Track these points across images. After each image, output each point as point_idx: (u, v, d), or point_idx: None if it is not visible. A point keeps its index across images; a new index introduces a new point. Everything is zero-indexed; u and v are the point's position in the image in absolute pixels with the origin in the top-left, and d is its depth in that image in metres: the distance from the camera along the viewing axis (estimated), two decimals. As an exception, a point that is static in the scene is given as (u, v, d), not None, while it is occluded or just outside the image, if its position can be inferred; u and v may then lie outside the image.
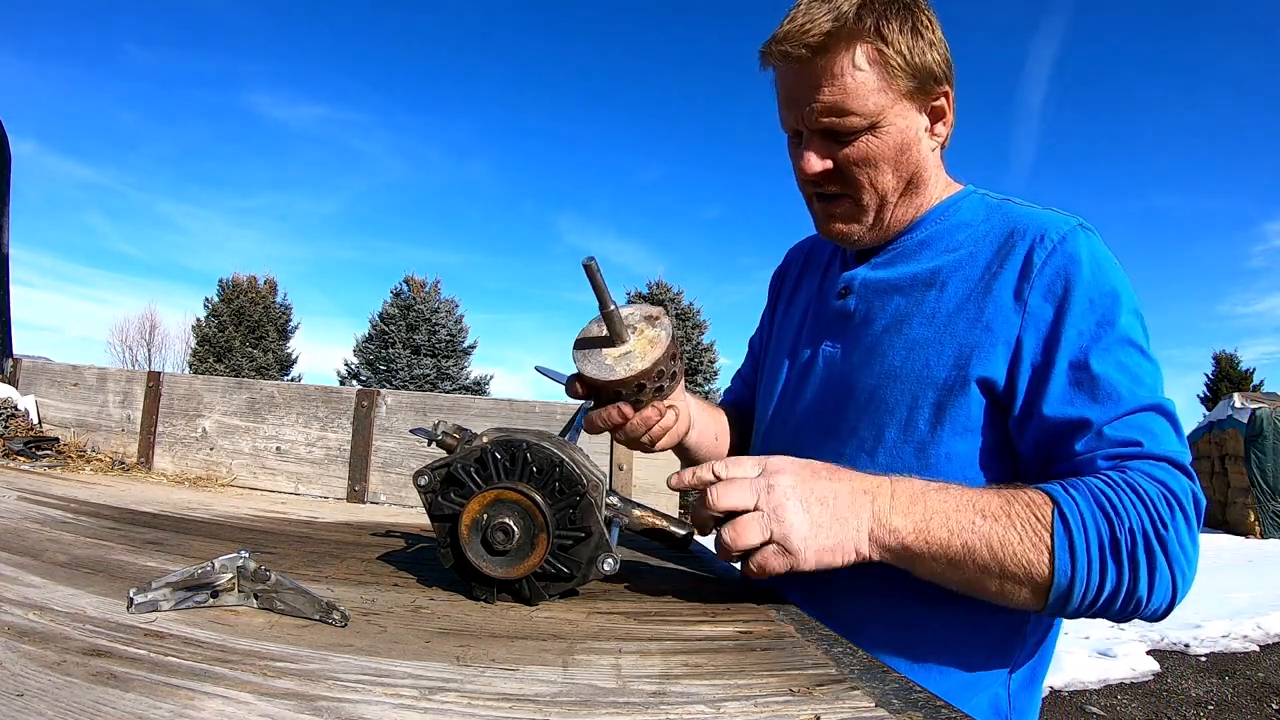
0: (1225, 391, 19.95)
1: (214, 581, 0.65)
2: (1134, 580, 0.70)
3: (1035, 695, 0.91)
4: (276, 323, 23.83)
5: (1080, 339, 0.80)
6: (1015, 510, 0.73)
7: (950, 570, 0.74)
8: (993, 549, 0.72)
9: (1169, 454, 0.75)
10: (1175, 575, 0.71)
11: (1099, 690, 4.05)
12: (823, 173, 0.90)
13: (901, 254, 0.96)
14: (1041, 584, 0.72)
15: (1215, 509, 13.73)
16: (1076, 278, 0.81)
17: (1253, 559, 9.14)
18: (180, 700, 0.44)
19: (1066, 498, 0.72)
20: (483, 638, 0.63)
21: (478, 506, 0.74)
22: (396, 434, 2.05)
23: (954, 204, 0.96)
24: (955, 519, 0.73)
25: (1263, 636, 5.12)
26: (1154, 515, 0.71)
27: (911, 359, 0.88)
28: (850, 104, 0.85)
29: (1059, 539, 0.71)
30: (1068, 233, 0.84)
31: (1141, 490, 0.72)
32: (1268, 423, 11.75)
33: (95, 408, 2.27)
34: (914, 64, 0.86)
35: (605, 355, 0.85)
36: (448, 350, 22.63)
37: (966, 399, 0.84)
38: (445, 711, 0.46)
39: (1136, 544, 0.70)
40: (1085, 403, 0.78)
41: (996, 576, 0.72)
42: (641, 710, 0.48)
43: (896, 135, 0.88)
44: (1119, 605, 0.72)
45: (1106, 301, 0.81)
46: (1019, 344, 0.82)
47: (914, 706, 0.50)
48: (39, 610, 0.61)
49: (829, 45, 0.84)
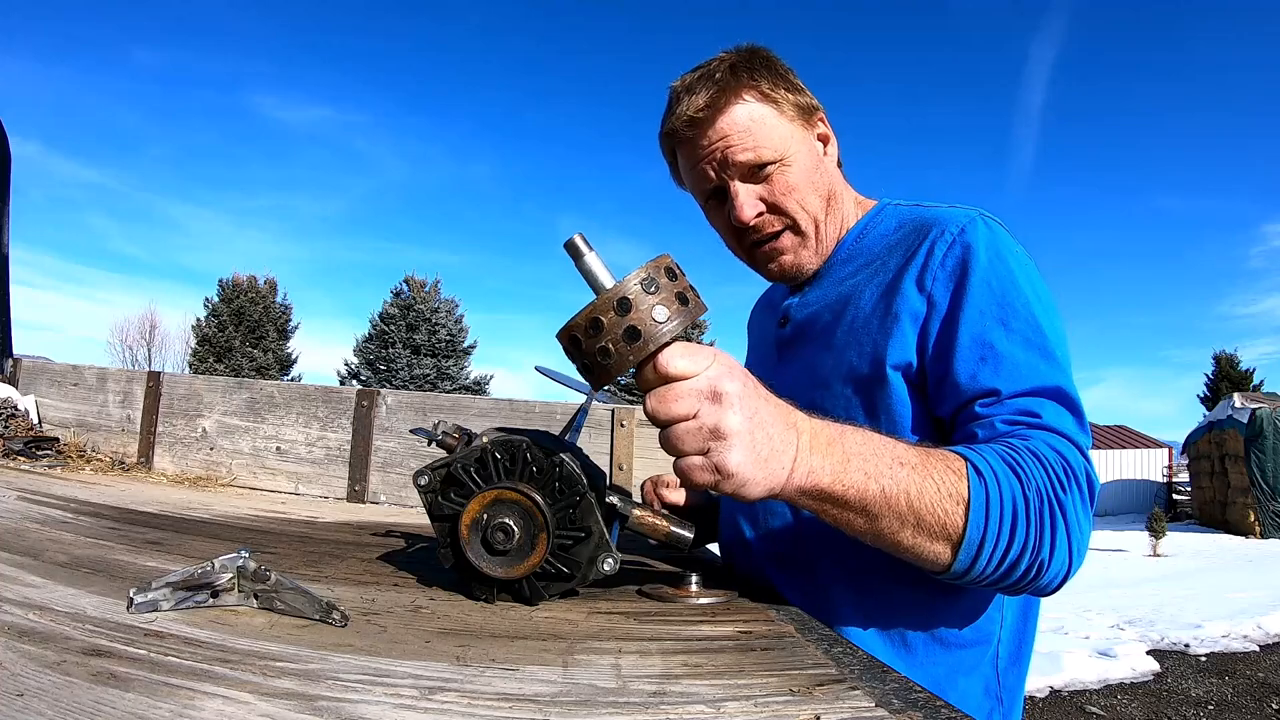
0: (1225, 391, 19.95)
1: (214, 581, 0.65)
2: (1039, 541, 0.71)
3: (1022, 674, 0.94)
4: (276, 323, 23.83)
5: (981, 319, 0.83)
6: (932, 462, 0.72)
7: (863, 520, 0.72)
8: (909, 498, 0.70)
9: (1065, 430, 0.78)
10: (1071, 545, 0.73)
11: (1099, 690, 4.05)
12: (757, 216, 0.96)
13: (827, 277, 1.02)
14: (955, 538, 0.71)
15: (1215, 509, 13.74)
16: (974, 264, 0.85)
17: (1253, 559, 9.14)
18: (180, 700, 0.44)
19: (977, 456, 0.73)
20: (483, 638, 0.63)
21: (478, 506, 0.74)
22: (396, 434, 2.05)
23: (869, 221, 1.03)
24: (874, 463, 0.71)
25: (1263, 636, 5.11)
26: (1054, 480, 0.73)
27: (838, 365, 0.93)
28: (759, 139, 0.94)
29: (974, 492, 0.71)
30: (966, 224, 0.88)
31: (1042, 456, 0.74)
32: (1268, 423, 11.75)
33: (95, 408, 2.27)
34: (793, 99, 0.97)
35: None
36: (448, 350, 22.63)
37: (889, 389, 0.87)
38: (445, 711, 0.46)
39: (1043, 504, 0.72)
40: (990, 376, 0.81)
41: (911, 528, 0.71)
42: (641, 710, 0.48)
43: (804, 159, 0.97)
44: (1022, 570, 0.72)
45: (1004, 284, 0.84)
46: (924, 329, 0.86)
47: (914, 706, 0.50)
48: (39, 610, 0.61)
49: (721, 101, 0.94)
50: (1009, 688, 0.91)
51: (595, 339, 0.64)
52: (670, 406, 0.64)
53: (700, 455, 0.64)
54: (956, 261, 0.86)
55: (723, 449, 0.63)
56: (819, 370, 0.95)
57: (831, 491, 0.69)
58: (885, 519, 0.71)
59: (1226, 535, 12.08)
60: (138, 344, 27.42)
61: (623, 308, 0.63)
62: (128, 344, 27.41)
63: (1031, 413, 0.78)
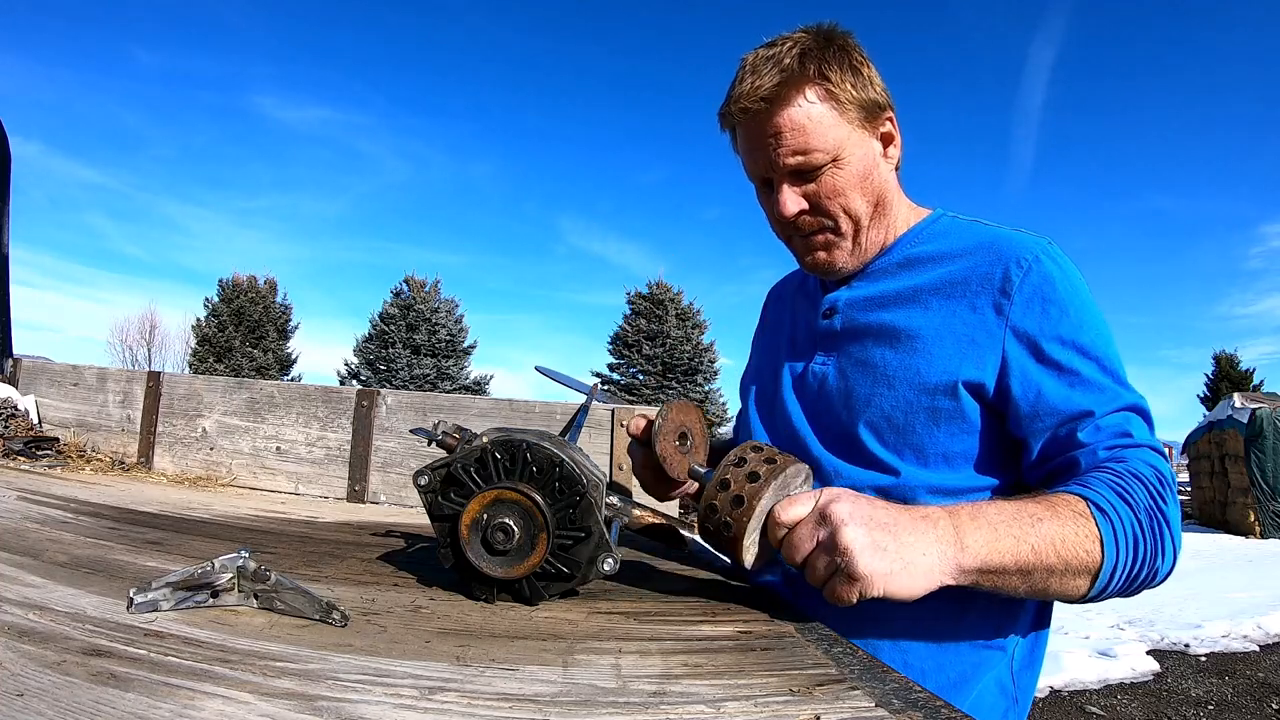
0: (1225, 391, 19.95)
1: (214, 581, 0.65)
2: (1153, 554, 0.78)
3: (1034, 675, 0.95)
4: (276, 323, 23.82)
5: (1066, 345, 0.88)
6: (1059, 509, 0.77)
7: (1020, 579, 0.76)
8: (1056, 547, 0.75)
9: (1153, 443, 0.85)
10: (1175, 546, 0.80)
11: (1099, 690, 4.04)
12: (799, 213, 0.96)
13: (881, 275, 1.01)
14: (1094, 572, 0.76)
15: (1215, 509, 13.73)
16: (1052, 292, 0.89)
17: (1253, 559, 9.13)
18: (180, 700, 0.44)
19: (1090, 491, 0.78)
20: (483, 638, 0.63)
21: (478, 506, 0.73)
22: (396, 434, 2.05)
23: (926, 227, 1.02)
24: (1016, 527, 0.75)
25: (1263, 636, 5.11)
26: (1155, 495, 0.79)
27: (903, 368, 0.93)
28: (812, 142, 0.92)
29: (1104, 526, 0.76)
30: (1039, 252, 0.91)
31: (1142, 476, 0.80)
32: (1268, 423, 11.74)
33: (95, 408, 2.27)
34: (859, 97, 0.94)
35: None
36: (448, 350, 22.63)
37: (957, 402, 0.89)
38: (445, 711, 0.46)
39: (1152, 520, 0.78)
40: (1082, 397, 0.86)
41: (1059, 574, 0.76)
42: (641, 710, 0.48)
43: (858, 163, 0.95)
44: (1141, 579, 0.79)
45: (1081, 312, 0.89)
46: (1005, 354, 0.89)
47: (914, 706, 0.50)
48: (39, 610, 0.61)
49: (782, 94, 0.91)
50: (1023, 688, 0.92)
51: (712, 517, 0.77)
52: (796, 548, 0.72)
53: (834, 575, 0.70)
54: (1034, 290, 0.89)
55: (848, 561, 0.69)
56: (882, 368, 0.95)
57: (991, 564, 0.74)
58: (1039, 573, 0.76)
59: (1226, 535, 12.07)
60: (138, 344, 27.47)
61: (723, 486, 0.76)
62: (128, 344, 27.46)
63: (1125, 431, 0.84)
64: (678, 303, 22.39)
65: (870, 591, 0.69)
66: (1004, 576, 0.75)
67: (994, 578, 0.75)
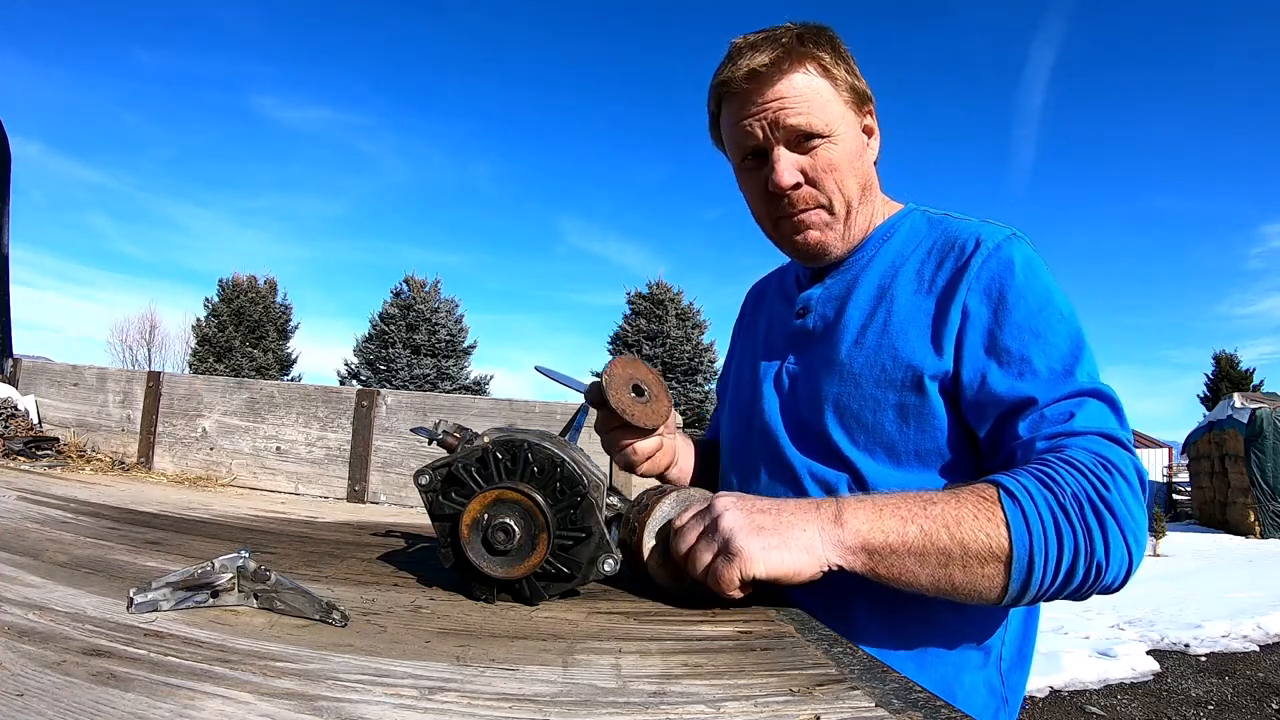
0: (1225, 391, 19.94)
1: (214, 581, 0.65)
2: (1090, 544, 0.73)
3: (1024, 675, 0.95)
4: (276, 323, 23.83)
5: (1018, 333, 0.86)
6: (961, 494, 0.76)
7: (915, 562, 0.74)
8: (949, 528, 0.73)
9: (1105, 430, 0.79)
10: (1127, 539, 0.74)
11: (1099, 690, 4.04)
12: (794, 186, 0.94)
13: (852, 273, 1.01)
14: (1003, 557, 0.73)
15: (1215, 509, 13.74)
16: (1010, 280, 0.88)
17: (1253, 559, 9.14)
18: (180, 700, 0.44)
19: (1006, 478, 0.76)
20: (483, 638, 0.63)
21: (478, 506, 0.73)
22: (396, 434, 2.05)
23: (896, 222, 1.03)
24: (905, 509, 0.75)
25: (1263, 636, 5.11)
26: (1092, 481, 0.74)
27: (870, 366, 0.93)
28: (813, 110, 0.93)
29: (1009, 508, 0.73)
30: (1001, 241, 0.91)
31: (1077, 461, 0.75)
32: (1268, 423, 11.75)
33: (95, 408, 2.27)
34: (851, 81, 0.97)
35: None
36: (448, 350, 22.63)
37: (925, 398, 0.89)
38: (445, 711, 0.46)
39: (1083, 507, 0.73)
40: (1029, 385, 0.83)
41: (959, 559, 0.73)
42: (641, 710, 0.48)
43: (850, 143, 0.96)
44: (1081, 574, 0.73)
45: (1039, 300, 0.87)
46: (960, 341, 0.88)
47: (914, 706, 0.50)
48: (39, 610, 0.61)
49: (784, 65, 0.93)
50: (1013, 688, 0.92)
51: (624, 530, 0.85)
52: (683, 537, 0.77)
53: (715, 555, 0.73)
54: (992, 278, 0.88)
55: (727, 540, 0.72)
56: (849, 367, 0.95)
57: (874, 543, 0.73)
58: (933, 556, 0.73)
59: (1226, 535, 12.08)
60: (138, 344, 27.43)
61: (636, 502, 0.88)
62: (128, 344, 27.42)
63: (1070, 418, 0.79)
64: (678, 303, 22.41)
65: (750, 569, 0.71)
66: (895, 559, 0.73)
67: (885, 561, 0.74)
